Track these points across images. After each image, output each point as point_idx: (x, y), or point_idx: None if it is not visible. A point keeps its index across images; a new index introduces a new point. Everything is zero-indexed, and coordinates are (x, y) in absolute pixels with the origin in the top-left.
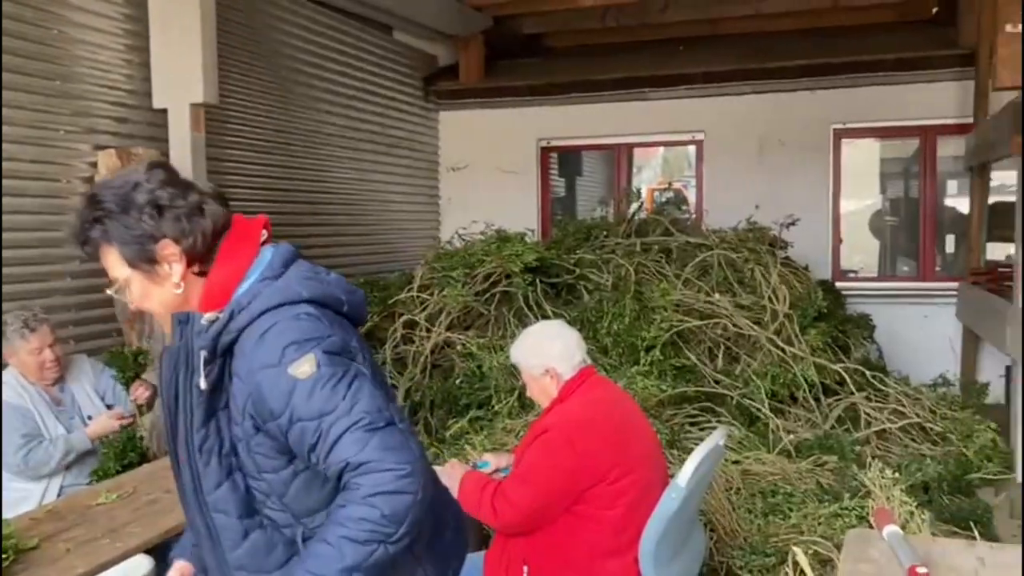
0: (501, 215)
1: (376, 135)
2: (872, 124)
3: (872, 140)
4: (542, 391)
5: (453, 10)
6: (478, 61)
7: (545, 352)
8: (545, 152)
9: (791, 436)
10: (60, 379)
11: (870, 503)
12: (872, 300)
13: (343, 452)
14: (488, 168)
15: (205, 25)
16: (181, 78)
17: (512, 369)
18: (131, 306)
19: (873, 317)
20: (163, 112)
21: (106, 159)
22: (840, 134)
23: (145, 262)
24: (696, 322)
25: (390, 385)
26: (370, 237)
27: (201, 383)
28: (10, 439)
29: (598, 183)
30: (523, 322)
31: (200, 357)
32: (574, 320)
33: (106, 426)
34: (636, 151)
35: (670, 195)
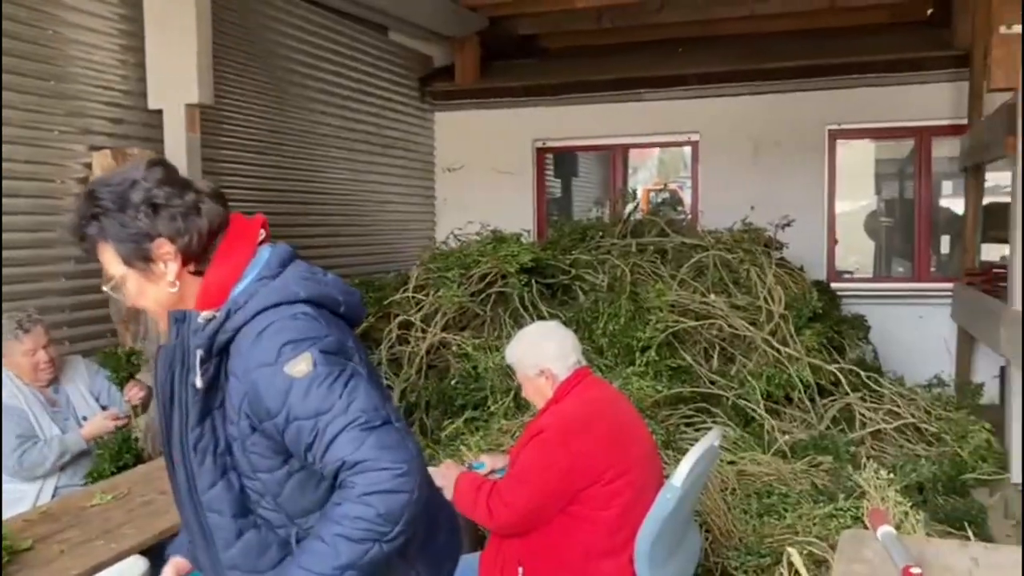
0: (497, 216)
1: (372, 136)
2: (867, 125)
3: (867, 141)
4: (537, 392)
5: (449, 11)
6: (474, 62)
7: (540, 353)
8: (541, 153)
9: (786, 437)
10: (55, 380)
11: (865, 503)
12: (867, 301)
13: (339, 451)
14: (484, 169)
15: (200, 26)
16: (176, 79)
17: (508, 370)
18: (127, 303)
19: (868, 318)
20: (158, 113)
21: (101, 160)
22: (835, 135)
23: (140, 260)
24: (692, 323)
25: (385, 386)
26: (366, 238)
27: (197, 381)
28: (5, 440)
29: (594, 184)
30: (519, 323)
31: (196, 356)
32: (570, 321)
33: (101, 427)
34: (632, 152)
35: (666, 196)
